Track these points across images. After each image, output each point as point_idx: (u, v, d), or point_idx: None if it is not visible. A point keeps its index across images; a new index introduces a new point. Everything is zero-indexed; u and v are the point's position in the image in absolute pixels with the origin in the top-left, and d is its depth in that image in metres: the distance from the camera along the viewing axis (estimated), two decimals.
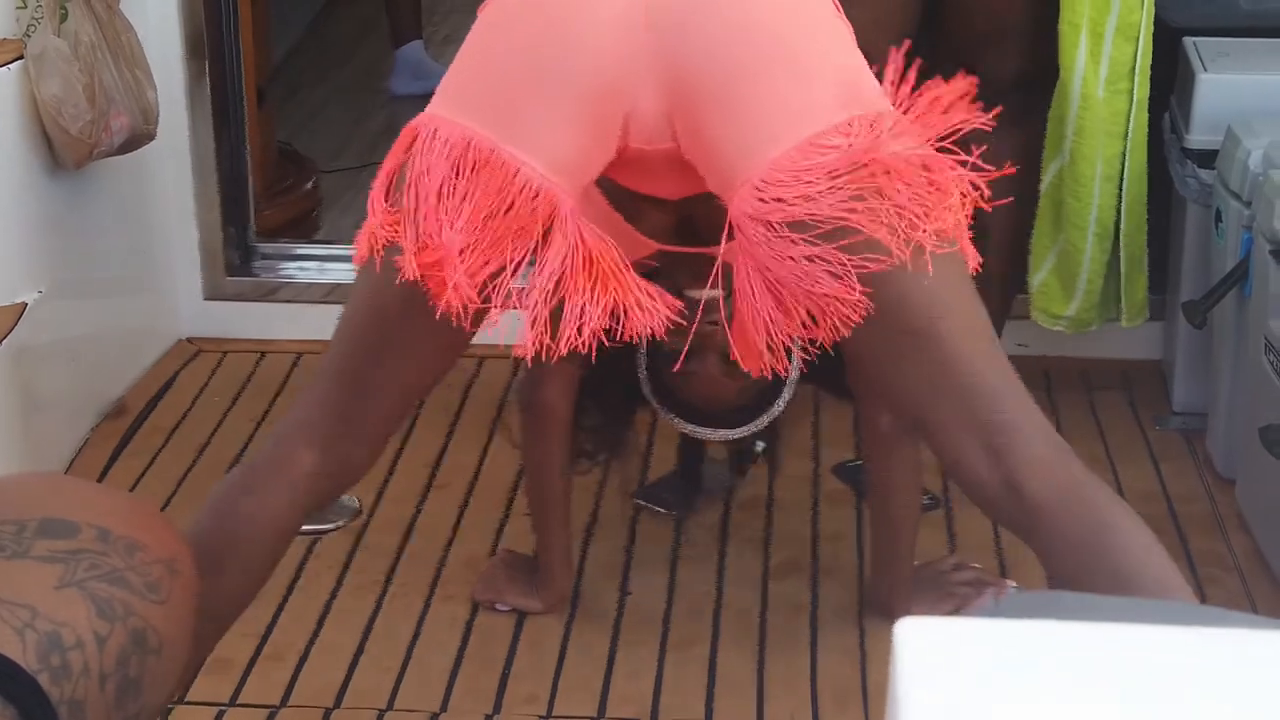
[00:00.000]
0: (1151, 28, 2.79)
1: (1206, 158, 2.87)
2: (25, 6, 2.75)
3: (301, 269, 3.49)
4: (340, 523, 2.75)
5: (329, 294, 3.34)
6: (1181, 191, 2.94)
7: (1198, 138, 2.89)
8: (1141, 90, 2.82)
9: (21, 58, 2.74)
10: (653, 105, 1.77)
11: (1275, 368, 2.54)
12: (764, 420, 2.31)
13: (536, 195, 1.74)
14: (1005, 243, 2.99)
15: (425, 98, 1.87)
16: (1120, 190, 2.86)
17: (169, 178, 3.30)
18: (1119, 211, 2.88)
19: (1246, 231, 2.69)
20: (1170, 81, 3.00)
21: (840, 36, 1.86)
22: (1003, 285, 3.01)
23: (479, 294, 1.75)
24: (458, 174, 1.74)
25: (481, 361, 3.32)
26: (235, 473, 1.99)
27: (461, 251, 1.73)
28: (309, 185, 3.94)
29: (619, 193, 1.90)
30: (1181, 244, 3.00)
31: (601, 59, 1.75)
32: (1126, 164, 2.86)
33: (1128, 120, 2.83)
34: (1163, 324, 3.18)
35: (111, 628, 1.35)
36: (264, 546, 1.94)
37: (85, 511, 1.41)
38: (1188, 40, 3.00)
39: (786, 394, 2.30)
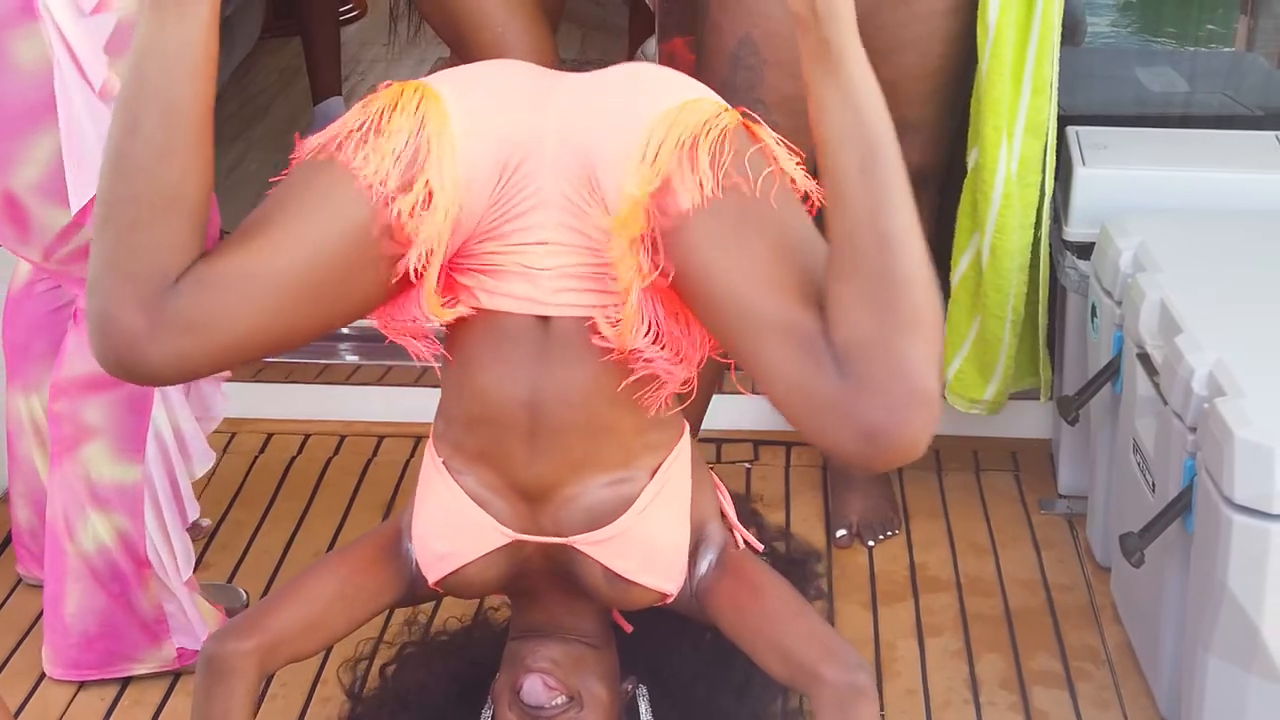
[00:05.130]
0: (1056, 123, 2.84)
1: (1085, 249, 2.92)
2: None
3: None
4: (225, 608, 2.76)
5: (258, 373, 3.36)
6: (1062, 280, 2.98)
7: (1076, 230, 2.93)
8: (1049, 183, 2.87)
9: None
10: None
11: (1141, 467, 2.59)
12: None
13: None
14: None
15: None
16: (1031, 277, 2.92)
17: None
18: (1028, 297, 2.94)
19: (1118, 330, 2.72)
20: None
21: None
22: None
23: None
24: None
25: (381, 440, 3.35)
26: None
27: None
28: None
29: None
30: (1064, 330, 3.05)
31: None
32: (1040, 253, 2.91)
33: (1038, 212, 2.88)
34: (1052, 404, 3.22)
35: None
36: None
37: None
38: (1071, 130, 3.03)
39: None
